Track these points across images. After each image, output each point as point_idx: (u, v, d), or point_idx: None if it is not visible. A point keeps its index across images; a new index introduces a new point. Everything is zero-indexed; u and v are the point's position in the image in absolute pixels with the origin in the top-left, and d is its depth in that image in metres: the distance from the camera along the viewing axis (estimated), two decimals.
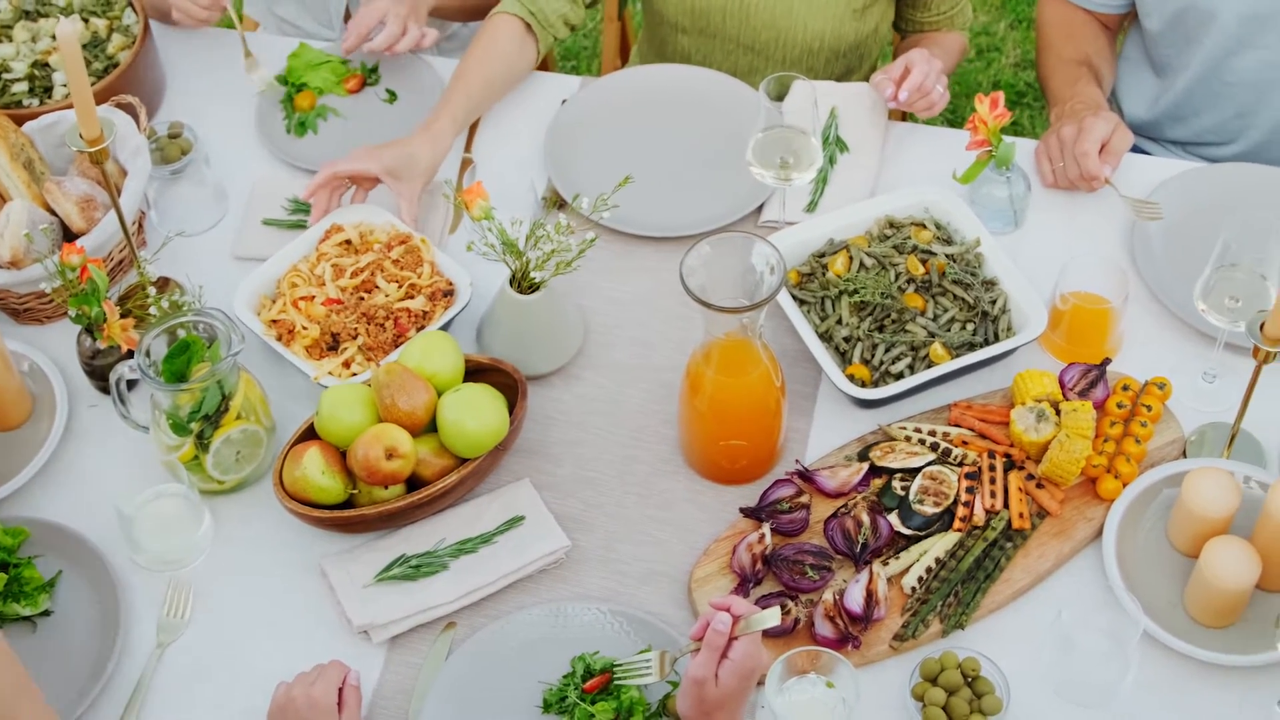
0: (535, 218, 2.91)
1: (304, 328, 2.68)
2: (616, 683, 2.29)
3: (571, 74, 5.02)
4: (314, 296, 2.71)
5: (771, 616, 2.09)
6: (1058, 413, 2.55)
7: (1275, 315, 2.32)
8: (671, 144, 3.05)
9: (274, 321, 2.71)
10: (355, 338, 2.67)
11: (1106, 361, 2.62)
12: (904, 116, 3.53)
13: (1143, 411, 2.59)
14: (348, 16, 3.46)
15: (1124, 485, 2.53)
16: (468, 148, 3.06)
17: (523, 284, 2.62)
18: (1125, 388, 2.62)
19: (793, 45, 3.20)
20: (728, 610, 2.11)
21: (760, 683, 2.31)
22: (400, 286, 2.72)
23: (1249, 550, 2.35)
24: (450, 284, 2.74)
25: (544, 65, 3.66)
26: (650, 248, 2.89)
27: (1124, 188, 2.95)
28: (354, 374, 2.63)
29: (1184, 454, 2.60)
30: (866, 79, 3.35)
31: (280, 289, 2.75)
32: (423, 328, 2.68)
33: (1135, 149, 3.31)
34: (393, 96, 3.15)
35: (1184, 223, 2.89)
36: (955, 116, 4.76)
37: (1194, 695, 2.35)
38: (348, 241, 2.80)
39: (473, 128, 3.09)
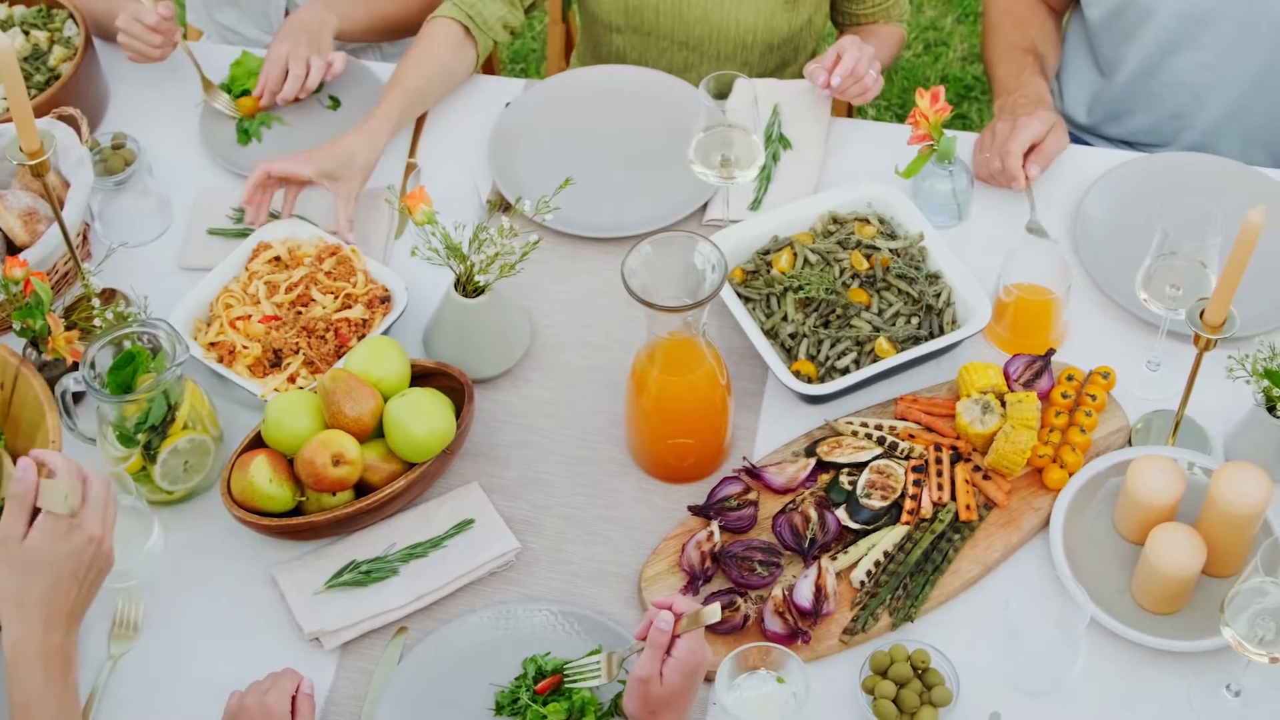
0: (480, 221, 2.91)
1: (244, 347, 2.68)
2: (566, 685, 2.30)
3: (520, 76, 5.05)
4: (250, 315, 2.71)
5: (712, 614, 2.09)
6: (1003, 404, 2.56)
7: (1215, 303, 2.33)
8: (615, 144, 3.06)
9: (213, 344, 2.70)
10: (297, 352, 2.67)
11: (1051, 352, 2.64)
12: (849, 108, 3.55)
13: (1087, 401, 2.60)
14: None
15: (1070, 475, 2.54)
16: (412, 152, 3.06)
17: (467, 288, 2.62)
18: (1070, 378, 2.63)
19: (726, 39, 3.21)
20: (670, 609, 2.11)
21: (709, 679, 2.32)
22: (336, 297, 2.72)
23: (1194, 537, 2.36)
24: (386, 290, 2.75)
25: (489, 68, 3.66)
26: (595, 248, 2.89)
27: (1062, 180, 2.97)
28: (300, 389, 2.63)
29: (1129, 442, 2.62)
30: (802, 73, 3.37)
31: (214, 311, 2.75)
32: (364, 336, 2.68)
33: (1076, 140, 3.33)
34: (335, 103, 3.15)
35: (1125, 213, 2.91)
36: (905, 110, 4.78)
37: (1143, 682, 2.37)
38: (277, 258, 2.80)
39: (417, 131, 3.10)
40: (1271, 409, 2.47)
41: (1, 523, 2.06)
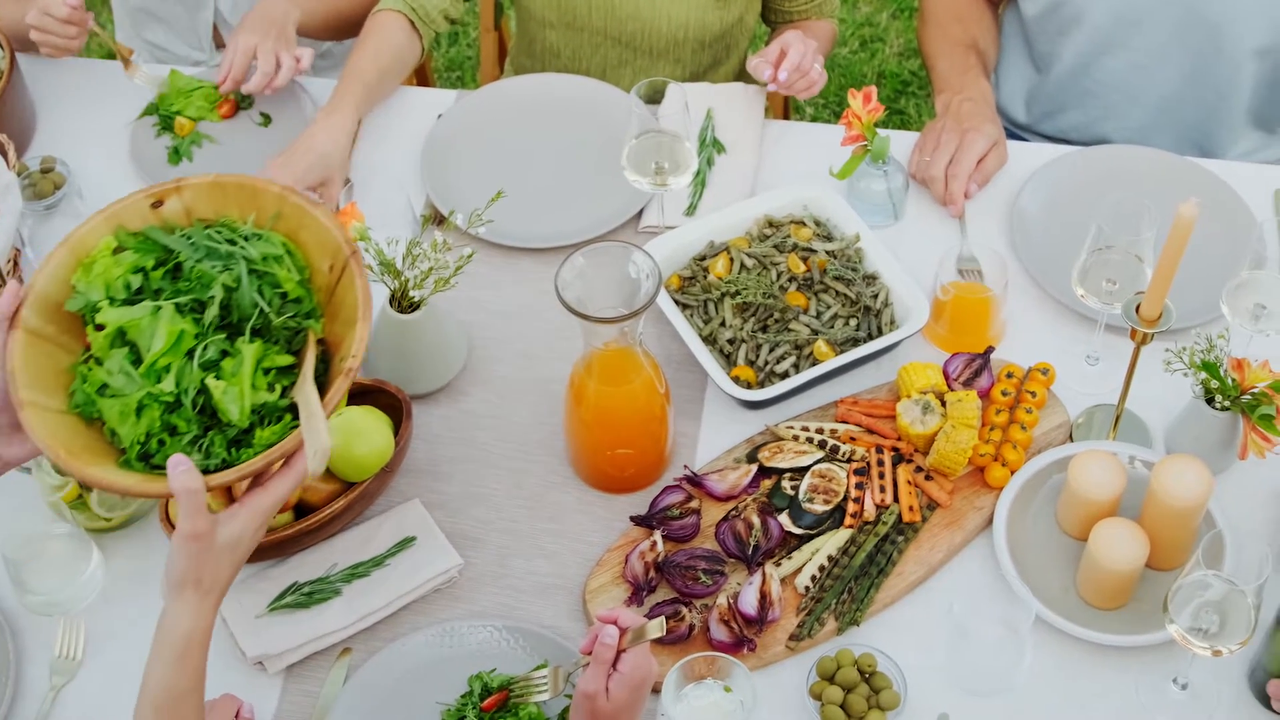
0: (414, 235, 2.90)
1: None
2: (513, 701, 2.28)
3: (456, 84, 5.03)
4: None
5: (656, 627, 2.08)
6: (943, 404, 2.56)
7: (1150, 297, 2.33)
8: (548, 153, 3.04)
9: None
10: None
11: (990, 350, 2.64)
12: (785, 107, 3.54)
13: (1027, 398, 2.60)
14: (216, 37, 3.44)
15: (1012, 473, 2.54)
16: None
17: (402, 303, 2.60)
18: (1009, 375, 2.63)
19: (658, 36, 3.20)
20: (614, 622, 2.10)
21: (656, 690, 2.31)
22: None
23: (1137, 531, 2.36)
24: None
25: (422, 78, 3.64)
26: (531, 259, 2.88)
27: (998, 177, 2.98)
28: None
29: (1071, 438, 2.62)
30: (735, 71, 3.36)
31: None
32: None
33: (1013, 136, 3.33)
34: (267, 120, 3.13)
35: (1060, 208, 2.91)
36: (842, 107, 4.78)
37: (1091, 678, 2.37)
38: None
39: (350, 148, 3.07)
40: (1210, 400, 2.48)
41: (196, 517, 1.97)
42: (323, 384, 2.05)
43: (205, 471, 1.99)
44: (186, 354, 2.02)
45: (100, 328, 2.06)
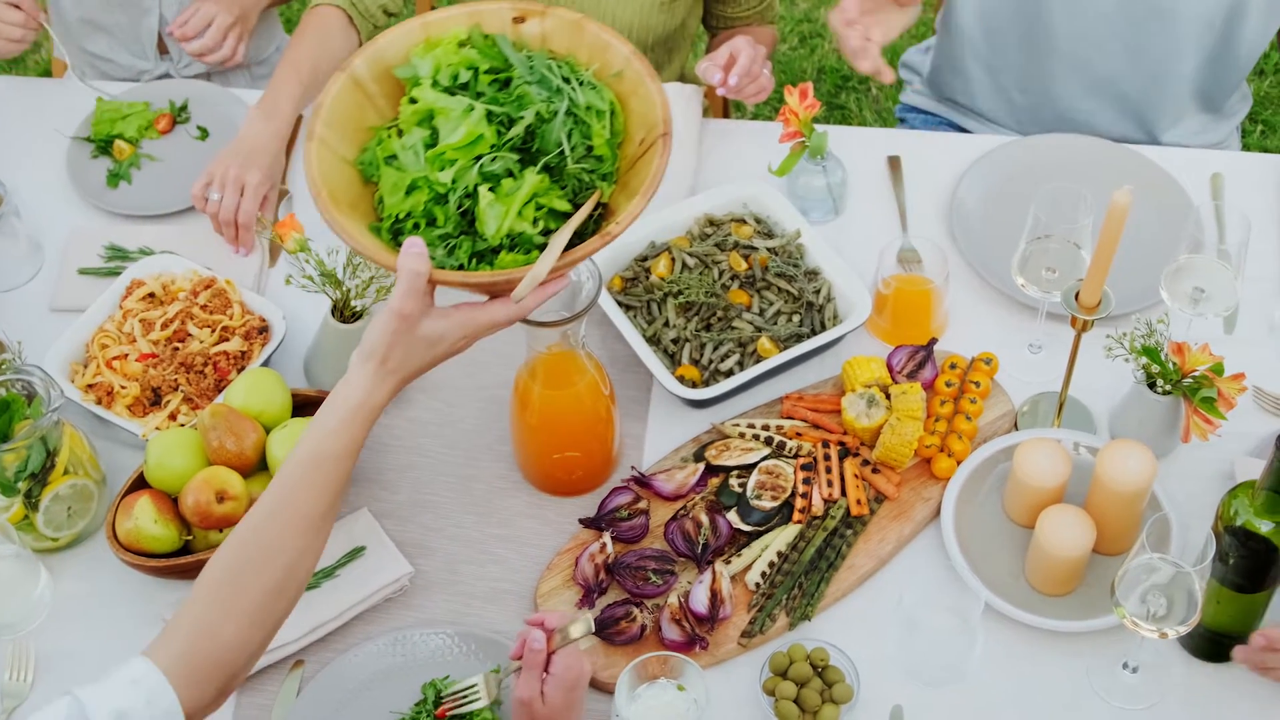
0: None
1: (122, 387, 2.65)
2: (452, 712, 2.27)
3: None
4: (127, 355, 2.68)
5: (582, 626, 2.09)
6: (888, 397, 2.56)
7: (1088, 284, 2.35)
8: None
9: (90, 385, 2.67)
10: (176, 389, 2.64)
11: (933, 341, 2.65)
12: (724, 106, 3.55)
13: (971, 388, 2.62)
14: (160, 45, 3.42)
15: (958, 463, 2.55)
16: (284, 178, 3.02)
17: (345, 313, 2.60)
18: (953, 366, 2.64)
19: None
20: (541, 625, 2.11)
21: (605, 690, 2.32)
22: (213, 331, 2.69)
23: (1083, 517, 2.38)
24: (263, 320, 2.72)
25: None
26: None
27: (936, 168, 2.99)
28: (181, 426, 2.60)
29: (1015, 426, 2.63)
30: (676, 76, 3.36)
31: (90, 352, 2.71)
32: (243, 368, 2.66)
33: (955, 126, 3.34)
34: (204, 133, 3.11)
35: (998, 198, 2.92)
36: (781, 105, 4.78)
37: (1042, 664, 2.38)
38: (151, 294, 2.77)
39: (288, 155, 3.06)
40: (1152, 385, 2.49)
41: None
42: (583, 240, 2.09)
43: (439, 267, 2.03)
44: (475, 158, 2.07)
45: (414, 102, 2.12)
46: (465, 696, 2.25)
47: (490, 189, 2.05)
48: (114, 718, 1.80)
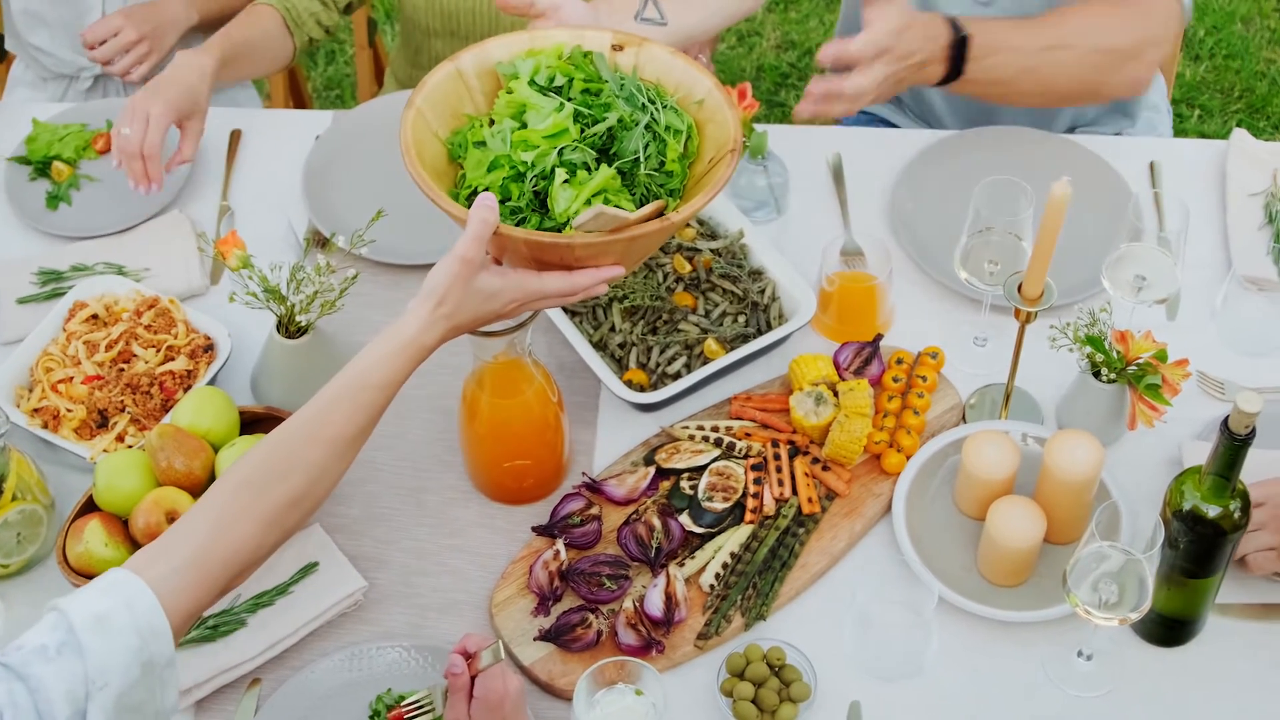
0: (298, 260, 2.88)
1: (68, 410, 2.63)
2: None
3: (335, 102, 5.01)
4: (72, 378, 2.66)
5: (489, 655, 2.08)
6: (835, 394, 2.57)
7: (1030, 276, 2.36)
8: None
9: (36, 410, 2.65)
10: (123, 410, 2.63)
11: (879, 337, 2.66)
12: None
13: (918, 383, 2.63)
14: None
15: (908, 458, 2.56)
16: (224, 194, 3.01)
17: (290, 329, 2.59)
18: (899, 361, 2.65)
19: None
20: (463, 650, 2.11)
21: (568, 698, 2.32)
22: (158, 351, 2.68)
23: (1033, 507, 2.39)
24: (208, 339, 2.71)
25: (299, 99, 3.63)
26: (418, 276, 2.87)
27: (876, 164, 3.00)
28: (129, 447, 2.59)
29: (964, 419, 2.64)
30: None
31: (35, 376, 2.70)
32: (190, 387, 2.64)
33: (886, 122, 3.35)
34: None
35: (939, 192, 2.94)
36: None
37: (997, 655, 2.39)
38: (94, 316, 2.75)
39: (229, 172, 3.05)
40: (1097, 374, 2.51)
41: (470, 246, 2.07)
42: None
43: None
44: (557, 148, 2.21)
45: (510, 93, 2.29)
46: (420, 705, 2.25)
47: (566, 174, 2.18)
48: (94, 620, 1.81)
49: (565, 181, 2.17)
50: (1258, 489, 2.35)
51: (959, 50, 2.74)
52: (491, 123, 2.29)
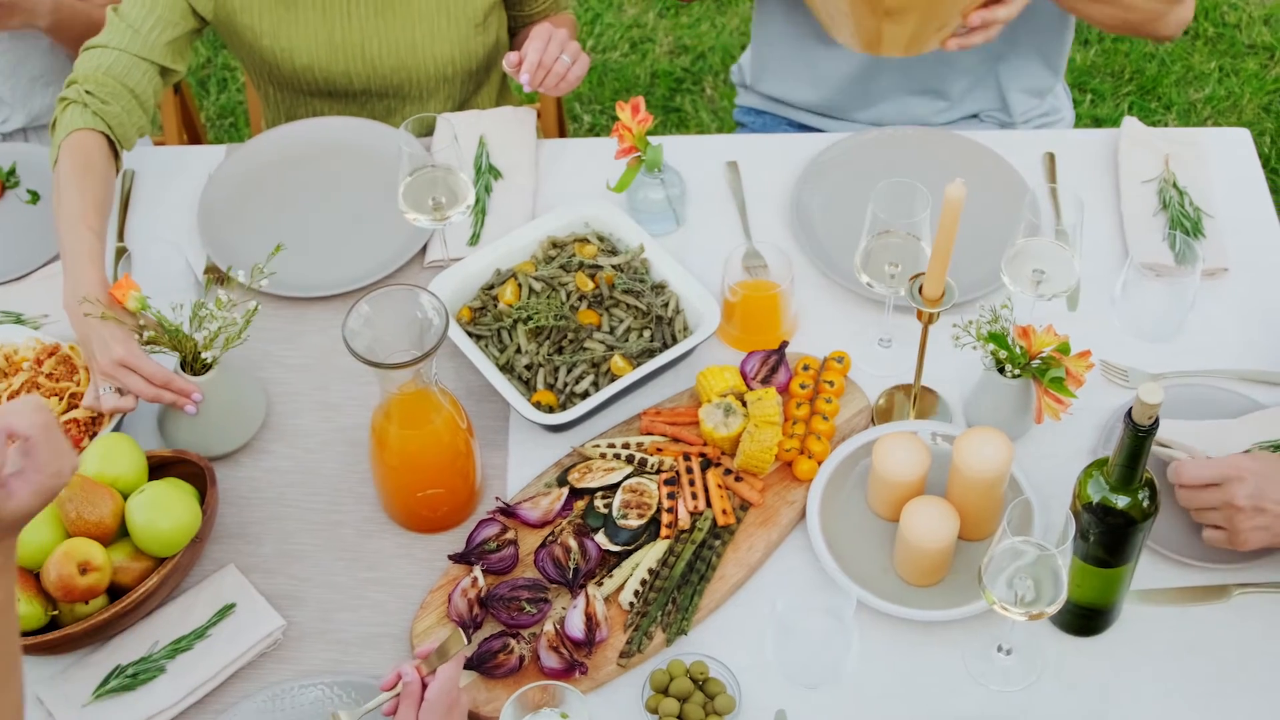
0: (198, 297, 2.86)
1: None
2: None
3: (230, 130, 4.98)
4: None
5: (457, 640, 2.09)
6: (744, 404, 2.58)
7: (930, 277, 2.37)
8: (327, 198, 3.02)
9: None
10: None
11: (784, 345, 2.67)
12: (560, 123, 3.55)
13: (826, 388, 2.64)
14: None
15: (819, 464, 2.57)
16: (120, 236, 2.98)
17: (195, 366, 2.57)
18: (806, 367, 2.66)
19: (426, 78, 3.18)
20: (417, 667, 2.12)
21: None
22: (61, 399, 2.65)
23: (945, 506, 2.40)
24: None
25: (193, 133, 3.60)
26: (322, 307, 2.85)
27: (775, 170, 3.01)
28: None
29: (873, 421, 2.66)
30: (497, 89, 3.36)
31: None
32: (95, 434, 2.62)
33: (807, 127, 3.35)
34: (35, 197, 3.06)
35: (838, 196, 2.95)
36: None
37: (919, 655, 2.40)
38: None
39: (123, 215, 3.02)
40: (1001, 370, 2.52)
41: None
42: None
43: None
44: None
45: None
46: None
47: None
48: None
49: None
50: (1210, 467, 2.38)
51: None
52: None
